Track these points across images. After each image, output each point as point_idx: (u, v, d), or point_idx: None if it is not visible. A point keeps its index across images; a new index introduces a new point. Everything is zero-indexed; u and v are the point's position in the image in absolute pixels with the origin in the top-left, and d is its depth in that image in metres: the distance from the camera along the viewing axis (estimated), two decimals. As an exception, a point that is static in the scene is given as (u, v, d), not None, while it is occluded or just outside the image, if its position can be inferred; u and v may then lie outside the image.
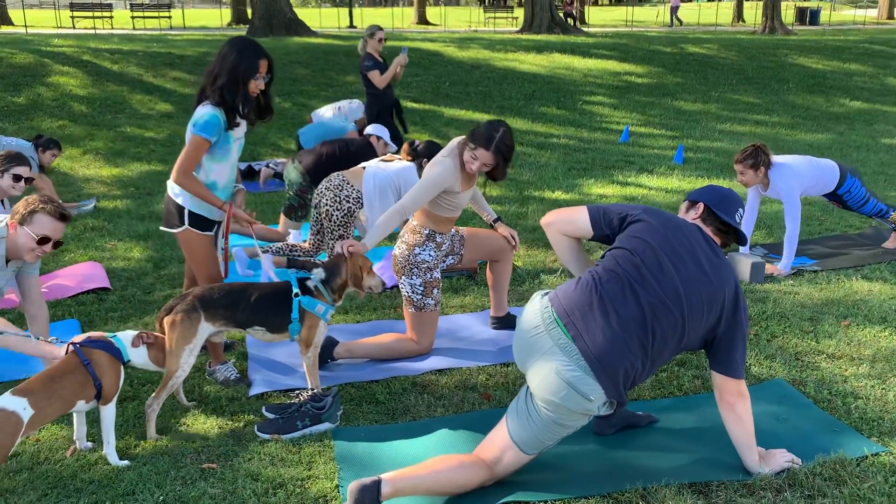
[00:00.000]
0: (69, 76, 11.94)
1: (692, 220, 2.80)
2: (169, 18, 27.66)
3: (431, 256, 3.72)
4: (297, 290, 3.21)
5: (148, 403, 3.05)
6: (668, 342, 2.54)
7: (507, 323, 4.15)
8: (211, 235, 3.43)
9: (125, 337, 2.99)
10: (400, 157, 5.01)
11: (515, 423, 2.61)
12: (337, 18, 32.83)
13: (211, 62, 3.27)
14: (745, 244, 2.82)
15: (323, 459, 2.87)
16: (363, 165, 4.89)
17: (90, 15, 25.67)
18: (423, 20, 33.91)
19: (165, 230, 3.42)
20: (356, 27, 27.34)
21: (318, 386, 3.27)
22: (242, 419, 3.19)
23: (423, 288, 3.69)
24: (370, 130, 5.68)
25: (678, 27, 29.87)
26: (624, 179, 8.01)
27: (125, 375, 3.50)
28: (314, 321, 3.21)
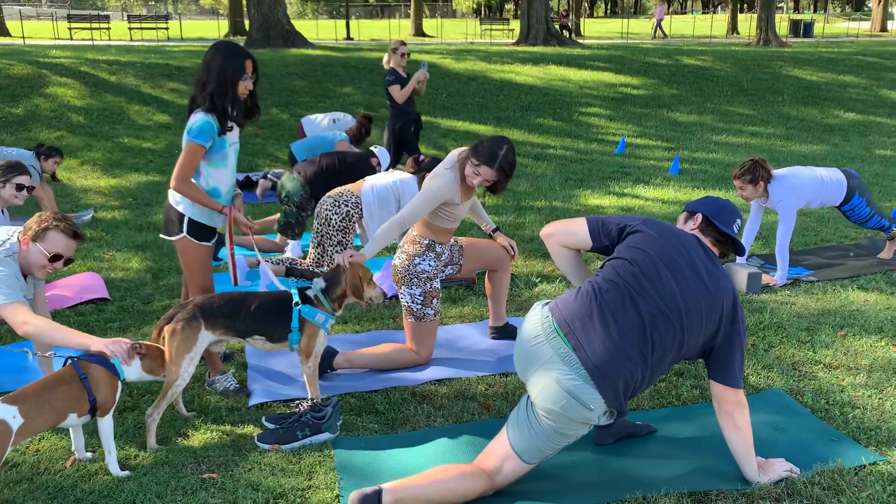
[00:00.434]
0: (67, 87, 11.97)
1: (691, 230, 2.82)
2: (166, 30, 27.78)
3: (431, 266, 3.73)
4: (297, 299, 3.22)
5: (148, 413, 3.05)
6: (667, 351, 2.56)
7: (505, 333, 4.17)
8: (209, 246, 3.45)
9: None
10: (403, 170, 5.10)
11: (516, 432, 2.62)
12: (334, 30, 33.01)
13: (197, 71, 3.31)
14: (742, 255, 2.85)
15: (323, 469, 2.87)
16: (364, 179, 4.98)
17: (88, 26, 25.74)
18: (419, 32, 34.08)
19: (164, 238, 3.45)
20: (353, 39, 27.45)
21: (318, 396, 3.28)
22: (242, 429, 3.19)
23: (422, 298, 3.71)
24: (376, 153, 5.78)
25: (661, 38, 30.03)
26: (620, 190, 8.05)
27: (124, 386, 3.51)
28: (314, 331, 3.22)
